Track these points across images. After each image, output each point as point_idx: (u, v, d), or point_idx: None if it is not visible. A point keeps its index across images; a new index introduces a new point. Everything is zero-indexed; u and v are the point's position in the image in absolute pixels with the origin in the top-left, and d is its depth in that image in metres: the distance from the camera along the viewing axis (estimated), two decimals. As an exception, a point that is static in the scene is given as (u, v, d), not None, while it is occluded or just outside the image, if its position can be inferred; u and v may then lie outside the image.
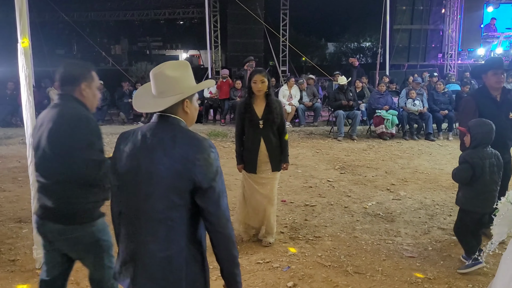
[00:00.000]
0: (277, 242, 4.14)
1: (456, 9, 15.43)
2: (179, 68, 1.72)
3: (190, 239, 1.66)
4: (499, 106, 3.92)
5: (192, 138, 1.65)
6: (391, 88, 10.39)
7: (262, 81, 3.92)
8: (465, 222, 3.64)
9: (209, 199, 1.62)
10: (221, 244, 1.68)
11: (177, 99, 1.68)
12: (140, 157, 1.65)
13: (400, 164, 7.15)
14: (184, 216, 1.63)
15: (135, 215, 1.67)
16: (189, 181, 1.59)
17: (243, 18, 14.69)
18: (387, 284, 3.37)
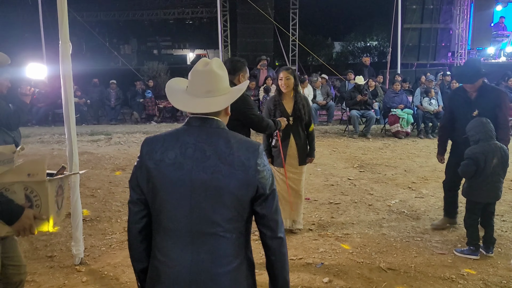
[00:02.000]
0: (306, 239, 4.20)
1: (466, 8, 15.43)
2: (222, 67, 1.63)
3: (247, 249, 1.59)
4: (470, 105, 4.06)
5: (247, 142, 1.56)
6: (404, 87, 10.42)
7: (287, 78, 4.05)
8: (472, 212, 3.84)
9: (270, 205, 1.55)
10: (279, 250, 1.59)
11: (232, 98, 1.60)
12: (189, 165, 1.51)
13: (418, 162, 7.19)
14: (243, 226, 1.55)
15: (188, 231, 1.52)
16: (252, 189, 1.51)
17: (253, 17, 14.73)
18: (421, 280, 3.42)
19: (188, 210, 1.51)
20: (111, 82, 12.03)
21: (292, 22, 15.70)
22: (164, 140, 1.58)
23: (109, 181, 6.10)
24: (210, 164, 1.49)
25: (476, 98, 4.10)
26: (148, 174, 1.56)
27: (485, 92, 4.10)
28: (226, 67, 3.11)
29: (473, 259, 3.75)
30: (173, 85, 1.71)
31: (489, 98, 4.08)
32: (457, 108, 4.21)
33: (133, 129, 10.44)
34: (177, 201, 1.52)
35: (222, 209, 1.50)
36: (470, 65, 4.42)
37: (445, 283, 3.35)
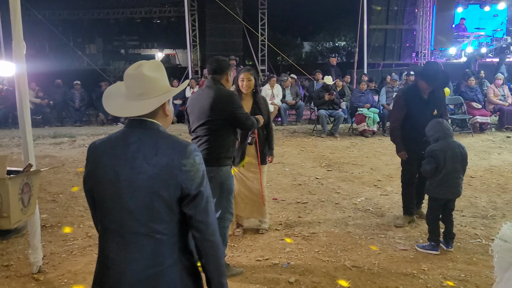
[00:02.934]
0: (273, 239, 4.20)
1: (429, 10, 15.89)
2: (157, 68, 1.63)
3: (182, 251, 1.58)
4: (426, 104, 4.20)
5: (175, 142, 1.57)
6: (370, 86, 10.61)
7: (249, 79, 4.03)
8: (433, 208, 3.96)
9: (197, 206, 1.54)
10: (211, 253, 1.59)
11: (161, 100, 1.60)
12: (119, 167, 1.54)
13: (384, 160, 7.33)
14: (173, 227, 1.54)
15: (118, 232, 1.55)
16: (176, 189, 1.51)
17: (221, 17, 14.68)
18: (384, 276, 3.48)
19: (118, 211, 1.54)
20: (75, 83, 11.73)
21: (261, 22, 15.73)
22: (104, 143, 1.63)
23: (71, 185, 5.92)
24: (137, 164, 1.52)
25: (429, 97, 4.25)
26: (89, 178, 1.64)
27: (435, 93, 4.28)
28: (212, 67, 3.33)
29: (433, 254, 3.85)
30: (113, 90, 1.71)
31: (439, 97, 4.30)
32: (414, 107, 4.29)
33: (98, 131, 10.20)
34: (111, 202, 1.56)
35: (149, 210, 1.51)
36: (440, 71, 4.52)
37: (406, 279, 3.42)
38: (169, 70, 14.77)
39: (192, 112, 3.35)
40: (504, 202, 5.20)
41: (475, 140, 8.89)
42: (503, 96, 10.01)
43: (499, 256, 2.32)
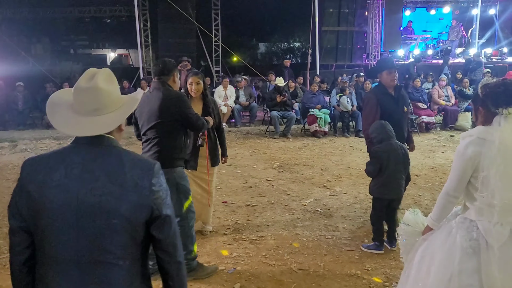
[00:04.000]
0: (220, 244, 4.14)
1: (378, 12, 16.35)
2: (111, 80, 1.50)
3: (143, 276, 1.49)
4: (396, 101, 4.31)
5: (141, 161, 1.46)
6: (322, 87, 10.78)
7: (198, 83, 4.03)
8: (377, 209, 4.04)
9: (167, 228, 1.46)
10: (178, 275, 1.51)
11: (123, 116, 1.48)
12: (75, 188, 1.38)
13: (334, 161, 7.45)
14: (137, 252, 1.44)
15: (73, 262, 1.39)
16: (147, 211, 1.41)
17: (174, 17, 14.42)
18: (329, 278, 3.51)
19: (75, 237, 1.38)
20: (17, 85, 11.14)
21: (214, 23, 15.61)
22: (48, 160, 1.44)
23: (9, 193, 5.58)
24: (99, 185, 1.38)
25: (396, 95, 4.34)
26: (28, 199, 1.42)
27: (399, 90, 4.39)
28: (158, 68, 3.34)
29: (378, 253, 3.92)
30: (56, 100, 1.52)
31: (404, 95, 4.47)
32: (387, 107, 4.29)
33: (43, 135, 9.73)
34: (62, 227, 1.38)
35: (113, 235, 1.39)
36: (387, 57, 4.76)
37: (351, 280, 3.47)
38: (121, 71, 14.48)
39: (141, 116, 3.32)
40: (446, 200, 5.40)
41: (421, 139, 9.21)
42: (446, 97, 10.46)
43: (403, 238, 2.57)
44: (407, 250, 2.51)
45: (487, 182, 2.11)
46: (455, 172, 2.24)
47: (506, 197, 2.09)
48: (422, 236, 2.43)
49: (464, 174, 2.19)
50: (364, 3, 16.34)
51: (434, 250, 2.28)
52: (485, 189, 2.12)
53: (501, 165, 2.07)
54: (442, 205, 2.32)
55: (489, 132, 2.14)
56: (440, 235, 2.31)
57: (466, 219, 2.23)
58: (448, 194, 2.28)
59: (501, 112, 2.13)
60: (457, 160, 2.22)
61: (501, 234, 2.10)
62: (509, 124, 2.11)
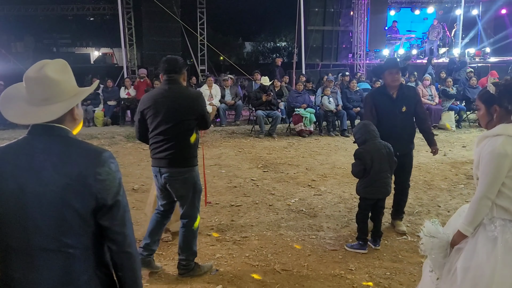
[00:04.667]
0: (203, 245, 4.08)
1: (363, 12, 16.43)
2: (63, 69, 1.50)
3: (97, 264, 1.48)
4: (394, 102, 4.28)
5: (88, 150, 1.46)
6: (308, 87, 10.77)
7: None
8: (363, 208, 4.04)
9: (114, 217, 1.46)
10: (128, 266, 1.52)
11: (69, 105, 1.47)
12: (24, 178, 1.39)
13: (319, 160, 7.44)
14: (87, 240, 1.45)
15: (24, 250, 1.42)
16: (91, 199, 1.41)
17: (158, 15, 14.30)
18: (313, 278, 3.47)
19: (25, 226, 1.41)
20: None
21: (200, 21, 15.51)
22: (2, 152, 1.46)
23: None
24: (45, 175, 1.40)
25: (398, 96, 4.29)
26: None
27: (405, 91, 4.34)
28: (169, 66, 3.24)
29: (362, 253, 3.91)
30: (12, 92, 1.53)
31: (410, 95, 4.34)
32: (382, 107, 4.30)
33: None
34: (13, 217, 1.41)
35: (60, 224, 1.40)
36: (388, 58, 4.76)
37: (334, 280, 3.44)
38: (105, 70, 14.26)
39: (156, 115, 3.22)
40: (430, 199, 5.42)
41: (406, 138, 9.26)
42: (430, 96, 10.54)
43: (431, 253, 2.37)
44: (439, 264, 2.35)
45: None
46: (491, 174, 2.14)
47: None
48: (455, 246, 2.30)
49: (499, 174, 2.12)
50: (349, 3, 16.42)
51: (481, 262, 2.14)
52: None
53: None
54: (477, 210, 2.20)
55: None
56: (480, 242, 2.19)
57: (506, 220, 2.16)
58: (486, 198, 2.17)
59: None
60: (492, 161, 2.13)
61: None
62: None
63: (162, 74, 3.30)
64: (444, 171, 6.69)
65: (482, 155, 2.18)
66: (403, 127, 4.25)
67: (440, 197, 5.47)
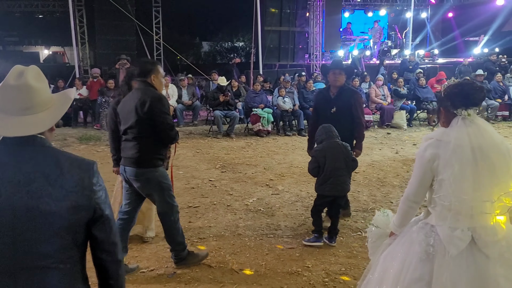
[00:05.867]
0: (161, 248, 4.02)
1: (319, 13, 16.74)
2: (41, 77, 1.45)
3: (83, 277, 1.45)
4: (329, 102, 4.42)
5: (79, 160, 1.43)
6: (265, 87, 10.84)
7: None
8: (317, 204, 4.17)
9: (108, 227, 1.45)
10: (119, 274, 1.52)
11: (59, 114, 1.45)
12: (10, 191, 1.31)
13: (277, 159, 7.51)
14: (77, 254, 1.41)
15: (12, 269, 1.32)
16: (89, 211, 1.39)
17: (112, 14, 13.92)
18: (270, 277, 3.50)
19: (11, 243, 1.31)
20: None
21: (155, 21, 15.25)
22: None
23: None
24: (36, 187, 1.32)
25: (335, 96, 4.40)
26: None
27: (343, 92, 4.44)
28: (137, 70, 3.36)
29: (317, 245, 4.01)
30: None
31: (346, 97, 4.43)
32: (320, 106, 4.48)
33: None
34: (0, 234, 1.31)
35: (53, 238, 1.34)
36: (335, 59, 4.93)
37: (291, 278, 3.48)
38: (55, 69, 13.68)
39: (121, 114, 3.38)
40: (383, 195, 5.60)
41: (360, 136, 9.53)
42: (383, 96, 10.90)
43: (371, 240, 2.47)
44: (374, 252, 2.43)
45: (443, 184, 2.04)
46: (415, 176, 2.15)
47: (459, 199, 2.00)
48: (387, 240, 2.36)
49: (423, 178, 2.10)
50: (305, 4, 16.67)
51: (394, 257, 2.21)
52: (441, 192, 2.05)
53: (455, 166, 1.99)
54: (403, 211, 2.22)
55: (446, 133, 2.07)
56: (402, 241, 2.24)
57: (427, 224, 2.14)
58: (408, 199, 2.18)
59: (459, 113, 2.07)
60: (416, 163, 2.14)
61: (460, 240, 2.00)
62: (465, 125, 2.04)
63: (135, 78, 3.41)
64: (396, 168, 6.94)
65: None
66: (334, 127, 4.29)
67: (392, 193, 5.66)
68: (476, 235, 2.00)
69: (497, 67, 13.36)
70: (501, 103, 11.18)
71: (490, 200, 2.00)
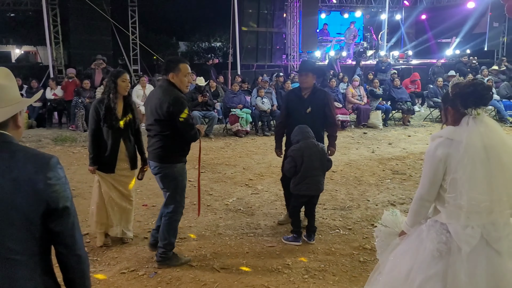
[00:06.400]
0: (141, 249, 4.01)
1: (296, 14, 16.87)
2: (7, 77, 1.52)
3: (44, 270, 1.48)
4: (303, 102, 4.49)
5: (36, 155, 1.46)
6: (243, 87, 10.88)
7: (129, 81, 4.04)
8: (295, 204, 4.22)
9: (65, 221, 1.47)
10: (78, 268, 1.53)
11: (13, 110, 1.48)
12: None
13: (256, 159, 7.56)
14: (34, 246, 1.43)
15: None
16: (41, 204, 1.41)
17: (87, 13, 13.70)
18: (251, 275, 3.55)
19: None
20: None
21: (131, 20, 15.08)
22: None
23: None
24: None
25: (308, 98, 4.48)
26: None
27: (316, 93, 4.51)
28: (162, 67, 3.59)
29: (296, 245, 4.07)
30: None
31: (319, 97, 4.51)
32: (292, 106, 4.53)
33: None
34: None
35: (10, 229, 1.38)
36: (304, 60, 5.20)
37: (272, 275, 3.54)
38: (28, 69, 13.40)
39: (146, 111, 3.60)
40: (360, 193, 5.72)
41: (338, 136, 9.63)
42: (359, 96, 11.09)
43: (380, 239, 2.48)
44: (383, 252, 2.42)
45: (455, 183, 2.06)
46: (426, 175, 2.15)
47: (473, 198, 2.02)
48: (397, 239, 2.37)
49: (435, 177, 2.12)
50: (282, 5, 16.77)
51: (404, 255, 2.23)
52: (453, 191, 2.07)
53: (468, 166, 2.02)
54: (415, 210, 2.24)
55: (457, 132, 2.09)
56: (411, 239, 2.27)
57: (437, 222, 2.16)
58: (422, 199, 2.19)
59: (469, 112, 2.09)
60: (427, 162, 2.14)
61: (471, 237, 2.03)
62: (476, 124, 2.07)
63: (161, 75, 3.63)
64: (373, 167, 7.08)
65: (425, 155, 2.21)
66: (310, 127, 4.36)
67: (369, 191, 5.79)
68: (485, 231, 2.06)
69: (468, 68, 13.79)
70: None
71: (501, 198, 2.05)
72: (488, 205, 2.04)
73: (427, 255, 2.12)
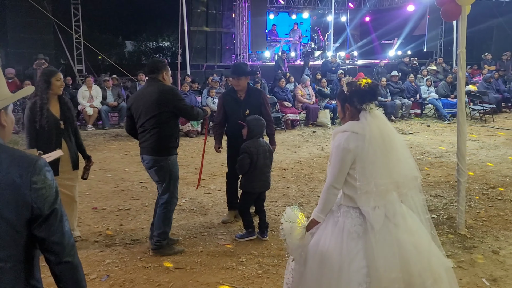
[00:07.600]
0: (92, 252, 3.91)
1: (244, 15, 17.00)
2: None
3: (29, 277, 1.40)
4: (240, 104, 4.57)
5: (21, 157, 1.37)
6: (193, 87, 10.81)
7: (63, 80, 4.00)
8: (247, 201, 4.29)
9: (51, 227, 1.39)
10: (69, 277, 1.46)
11: None
12: None
13: (208, 159, 7.52)
14: (19, 253, 1.36)
15: None
16: (25, 210, 1.34)
17: (26, 10, 13.00)
18: (206, 273, 3.57)
19: None
20: None
21: (74, 18, 14.50)
22: None
23: None
24: None
25: (245, 99, 4.54)
26: None
27: (252, 94, 4.59)
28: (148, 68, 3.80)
29: (252, 239, 4.16)
30: None
31: (255, 98, 4.59)
32: (230, 109, 4.59)
33: None
34: None
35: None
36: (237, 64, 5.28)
37: (226, 272, 3.58)
38: (-41, 69, 12.52)
39: (137, 109, 3.73)
40: (310, 190, 5.88)
41: (288, 135, 9.86)
42: (308, 96, 11.36)
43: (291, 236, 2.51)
44: (295, 247, 2.47)
45: (364, 172, 2.29)
46: (336, 166, 2.34)
47: (378, 183, 2.29)
48: (308, 231, 2.46)
49: (344, 167, 2.32)
50: (231, 5, 16.84)
51: (324, 242, 2.36)
52: (363, 179, 2.29)
53: (373, 156, 2.28)
54: (326, 198, 2.39)
55: (359, 126, 2.33)
56: (328, 227, 2.41)
57: (350, 207, 2.37)
58: (333, 187, 2.36)
59: (365, 107, 2.35)
60: (338, 154, 2.33)
61: (379, 216, 2.31)
62: (372, 117, 2.34)
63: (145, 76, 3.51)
64: (322, 164, 7.29)
65: (332, 148, 2.42)
66: None
67: (319, 188, 5.96)
68: (386, 209, 2.36)
69: (410, 68, 14.51)
70: (413, 101, 12.13)
71: (397, 180, 2.36)
72: (388, 187, 2.35)
73: (347, 238, 2.32)
